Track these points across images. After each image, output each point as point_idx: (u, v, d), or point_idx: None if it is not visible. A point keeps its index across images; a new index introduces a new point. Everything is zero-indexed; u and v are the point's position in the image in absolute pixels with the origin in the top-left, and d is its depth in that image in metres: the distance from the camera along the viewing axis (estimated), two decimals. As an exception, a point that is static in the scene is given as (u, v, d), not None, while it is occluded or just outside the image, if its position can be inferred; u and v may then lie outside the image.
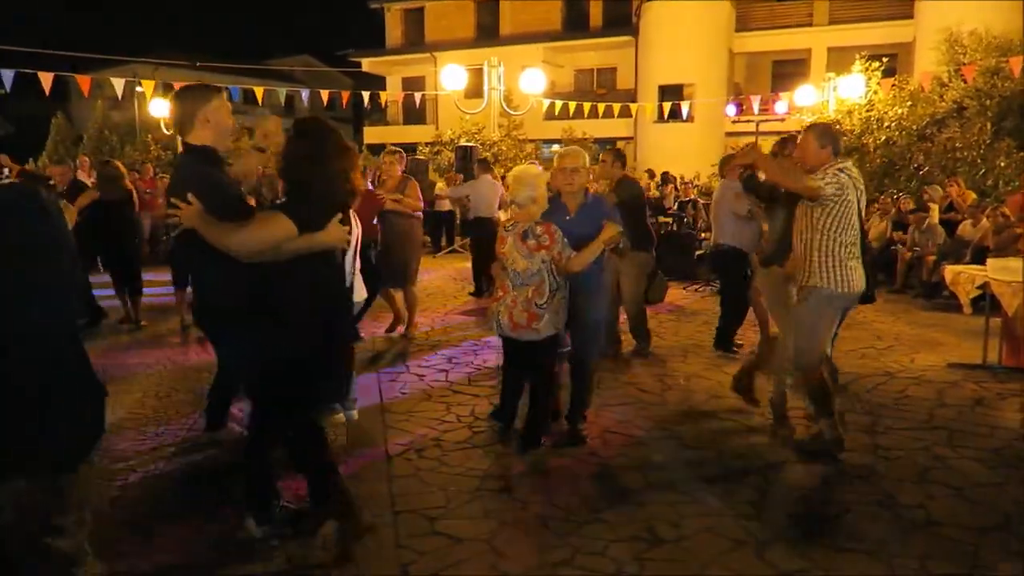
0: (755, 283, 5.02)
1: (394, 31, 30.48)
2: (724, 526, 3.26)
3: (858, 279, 3.91)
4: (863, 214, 4.04)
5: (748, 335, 6.37)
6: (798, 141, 4.27)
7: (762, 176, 4.35)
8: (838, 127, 14.32)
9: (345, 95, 16.92)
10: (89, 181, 9.98)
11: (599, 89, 26.25)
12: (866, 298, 4.10)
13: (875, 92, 14.79)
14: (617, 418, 4.63)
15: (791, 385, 4.29)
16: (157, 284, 8.32)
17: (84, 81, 13.43)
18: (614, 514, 3.37)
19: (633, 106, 20.33)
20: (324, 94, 16.47)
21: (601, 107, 18.85)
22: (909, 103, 14.27)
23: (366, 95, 17.27)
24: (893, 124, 14.09)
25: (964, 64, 13.75)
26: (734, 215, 5.94)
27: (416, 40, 29.67)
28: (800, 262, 3.99)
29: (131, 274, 7.29)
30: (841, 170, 3.83)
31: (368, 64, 30.08)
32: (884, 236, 10.29)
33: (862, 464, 3.94)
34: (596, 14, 27.02)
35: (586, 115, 18.48)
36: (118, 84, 13.39)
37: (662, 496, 3.57)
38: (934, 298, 8.75)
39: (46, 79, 12.05)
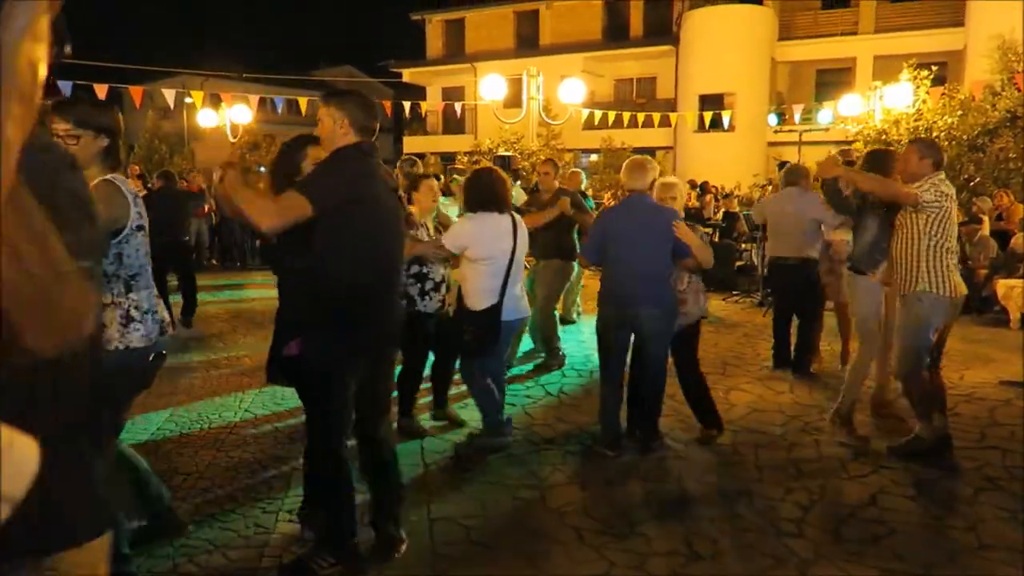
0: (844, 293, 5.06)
1: (435, 42, 30.83)
2: (765, 543, 3.19)
3: (961, 284, 4.11)
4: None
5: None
6: (902, 153, 4.37)
7: (846, 188, 4.51)
8: (884, 137, 14.02)
9: (387, 105, 17.15)
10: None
11: (639, 99, 26.13)
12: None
13: (924, 101, 14.43)
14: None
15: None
16: (202, 290, 8.51)
17: (136, 92, 13.85)
18: (651, 528, 3.32)
19: (673, 116, 20.19)
20: (366, 104, 16.67)
21: (641, 117, 18.76)
22: (959, 112, 13.88)
23: (407, 105, 17.47)
24: (942, 134, 13.72)
25: (1018, 72, 13.33)
26: (820, 223, 5.77)
27: (456, 51, 29.96)
28: (902, 270, 4.12)
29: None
30: (941, 181, 4.06)
31: (409, 75, 30.48)
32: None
33: (910, 483, 3.82)
34: (637, 23, 26.95)
35: (625, 125, 18.40)
36: (168, 95, 13.79)
37: (701, 511, 3.52)
38: (985, 312, 8.47)
39: (101, 90, 12.47)
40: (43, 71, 0.65)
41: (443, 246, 4.01)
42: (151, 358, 2.65)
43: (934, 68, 15.46)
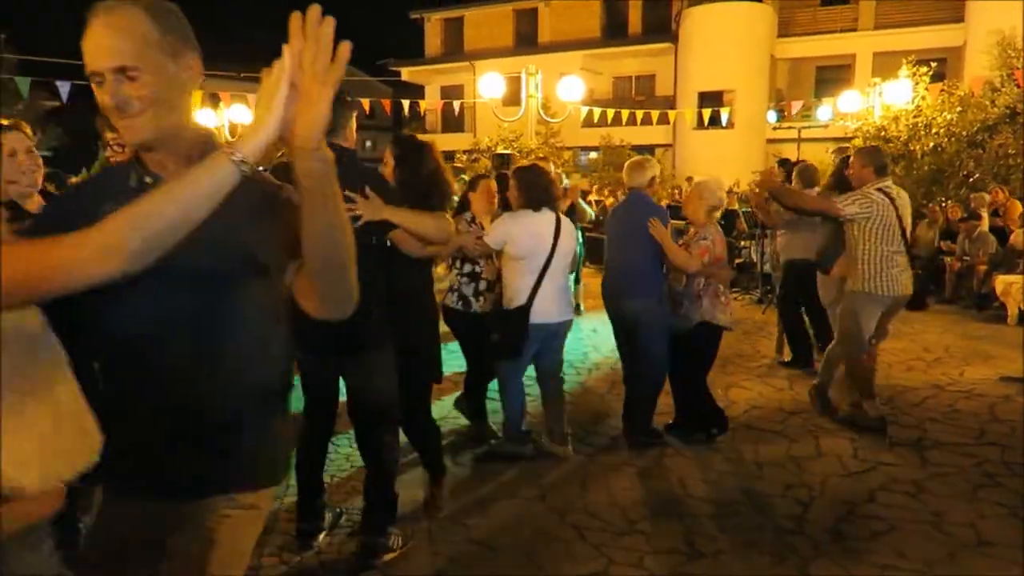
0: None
1: (433, 40, 30.78)
2: (765, 541, 3.19)
3: (901, 284, 4.31)
4: (905, 225, 4.36)
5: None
6: (851, 160, 4.61)
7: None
8: (884, 133, 14.00)
9: (386, 104, 17.13)
10: None
11: (638, 96, 26.09)
12: (915, 304, 4.46)
13: (923, 97, 14.42)
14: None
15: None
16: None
17: (134, 92, 13.79)
18: (651, 525, 3.33)
19: (672, 113, 20.16)
20: (365, 103, 16.69)
21: (640, 114, 18.73)
22: (959, 109, 13.86)
23: (405, 103, 17.47)
24: (942, 130, 13.70)
25: (1017, 68, 13.31)
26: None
27: (455, 49, 29.91)
28: (850, 267, 4.42)
29: None
30: (879, 189, 4.26)
31: (408, 73, 30.43)
32: (932, 245, 10.02)
33: (910, 480, 3.83)
34: (635, 21, 26.89)
35: (624, 122, 18.38)
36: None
37: (701, 508, 3.52)
38: (985, 309, 8.47)
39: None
40: None
41: (481, 239, 3.86)
42: None
43: (933, 64, 15.44)
